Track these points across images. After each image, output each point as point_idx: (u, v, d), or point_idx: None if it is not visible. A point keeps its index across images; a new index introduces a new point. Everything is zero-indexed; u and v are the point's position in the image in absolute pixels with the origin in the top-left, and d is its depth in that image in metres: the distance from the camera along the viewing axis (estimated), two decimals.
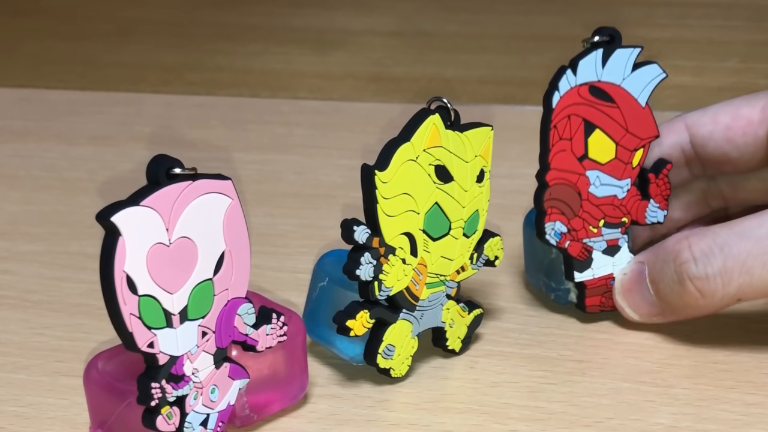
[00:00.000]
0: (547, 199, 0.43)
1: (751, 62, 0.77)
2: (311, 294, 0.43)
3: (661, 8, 0.89)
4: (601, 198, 0.44)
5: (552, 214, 0.43)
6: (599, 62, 0.43)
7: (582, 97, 0.43)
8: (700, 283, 0.41)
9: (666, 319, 0.43)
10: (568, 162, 0.43)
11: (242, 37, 0.86)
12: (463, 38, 0.85)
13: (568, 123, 0.43)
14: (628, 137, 0.44)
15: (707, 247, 0.41)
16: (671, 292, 0.42)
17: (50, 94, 0.75)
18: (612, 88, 0.43)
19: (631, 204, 0.45)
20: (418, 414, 0.40)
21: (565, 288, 0.45)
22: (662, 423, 0.39)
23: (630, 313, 0.44)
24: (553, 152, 0.43)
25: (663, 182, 0.45)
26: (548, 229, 0.44)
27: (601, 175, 0.44)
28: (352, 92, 0.74)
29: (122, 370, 0.37)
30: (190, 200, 0.34)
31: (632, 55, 0.43)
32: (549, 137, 0.43)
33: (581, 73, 0.43)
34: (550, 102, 0.42)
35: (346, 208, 0.56)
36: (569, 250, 0.44)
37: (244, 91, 0.75)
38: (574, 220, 0.44)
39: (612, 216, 0.45)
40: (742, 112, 0.44)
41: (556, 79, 0.42)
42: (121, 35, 0.88)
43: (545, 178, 0.43)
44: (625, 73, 0.43)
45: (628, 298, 0.44)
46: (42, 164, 0.64)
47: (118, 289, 0.33)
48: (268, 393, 0.39)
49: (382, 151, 0.39)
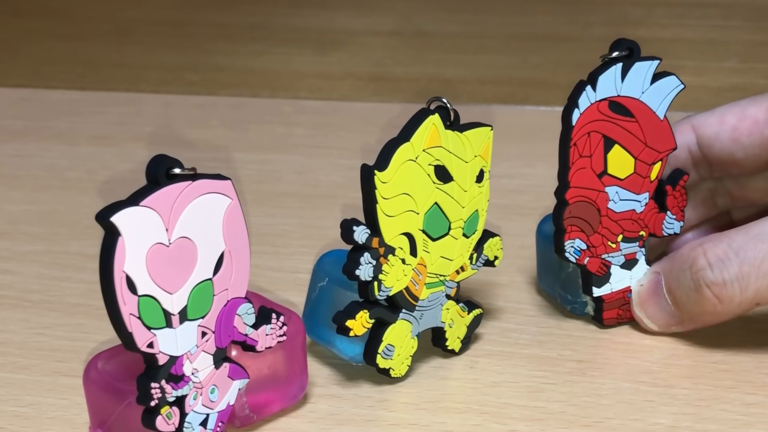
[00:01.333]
0: (567, 217, 0.43)
1: (751, 62, 0.77)
2: (311, 294, 0.43)
3: (660, 8, 0.89)
4: (620, 213, 0.44)
5: (572, 232, 0.43)
6: (618, 77, 0.42)
7: (602, 113, 0.42)
8: (717, 289, 0.40)
9: (685, 328, 0.43)
10: (588, 179, 0.43)
11: (242, 37, 0.86)
12: (463, 38, 0.85)
13: (588, 140, 0.42)
14: (647, 151, 0.44)
15: (723, 252, 0.40)
16: (689, 299, 0.42)
17: (50, 94, 0.75)
18: (631, 102, 0.43)
19: (648, 217, 0.44)
20: (417, 414, 0.40)
21: (582, 301, 0.45)
22: (662, 423, 0.39)
23: (649, 324, 0.44)
24: (573, 170, 0.42)
25: (680, 194, 0.45)
26: (568, 247, 0.43)
27: (620, 190, 0.43)
28: (351, 92, 0.74)
29: (122, 370, 0.37)
30: (190, 200, 0.34)
31: (651, 67, 0.43)
32: (569, 155, 0.42)
33: (601, 88, 0.42)
34: (570, 119, 0.42)
35: (346, 208, 0.56)
36: (588, 266, 0.44)
37: (244, 91, 0.75)
38: (593, 237, 0.43)
39: (630, 230, 0.44)
40: (749, 112, 0.44)
41: (575, 95, 0.42)
42: (121, 35, 0.88)
43: (565, 197, 0.42)
44: (644, 86, 0.43)
45: (646, 309, 0.44)
46: (42, 164, 0.64)
47: (117, 289, 0.33)
48: (268, 393, 0.39)
49: (381, 151, 0.39)
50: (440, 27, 0.88)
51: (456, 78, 0.76)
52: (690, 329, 0.43)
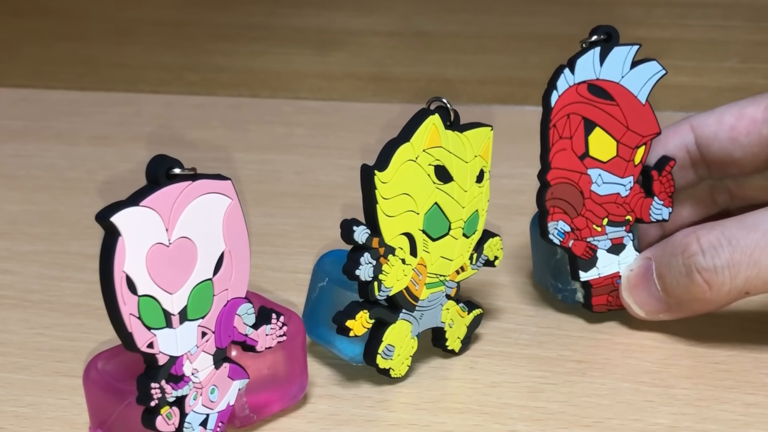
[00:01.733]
0: (549, 198, 0.43)
1: (751, 62, 0.77)
2: (311, 294, 0.43)
3: (660, 8, 0.89)
4: (603, 196, 0.44)
5: (554, 213, 0.43)
6: (597, 60, 0.43)
7: (581, 95, 0.43)
8: (708, 275, 0.40)
9: (672, 315, 0.43)
10: (569, 161, 0.43)
11: (242, 37, 0.86)
12: (463, 38, 0.85)
13: (568, 122, 0.43)
14: (629, 135, 0.44)
15: (715, 239, 0.40)
16: (678, 285, 0.42)
17: (50, 94, 0.75)
18: (611, 86, 0.43)
19: (634, 202, 0.45)
20: (417, 414, 0.40)
21: (571, 288, 0.45)
22: (662, 423, 0.39)
23: (636, 310, 0.44)
24: (553, 151, 0.43)
25: (666, 179, 0.45)
26: (551, 229, 0.43)
27: (603, 173, 0.44)
28: (352, 92, 0.74)
29: (122, 371, 0.37)
30: (190, 200, 0.34)
31: (630, 52, 0.43)
32: (549, 136, 0.43)
33: (579, 71, 0.43)
34: (549, 101, 0.42)
35: (346, 208, 0.56)
36: (573, 249, 0.44)
37: (243, 91, 0.75)
38: (577, 219, 0.44)
39: (616, 214, 0.44)
40: (747, 112, 0.44)
41: (554, 78, 0.42)
42: (121, 35, 0.88)
43: (546, 178, 0.43)
44: (623, 70, 0.43)
45: (634, 294, 0.44)
46: (42, 164, 0.64)
47: (117, 289, 0.33)
48: (268, 393, 0.39)
49: (381, 151, 0.39)
50: (440, 27, 0.88)
51: (456, 78, 0.76)
52: (677, 317, 0.43)
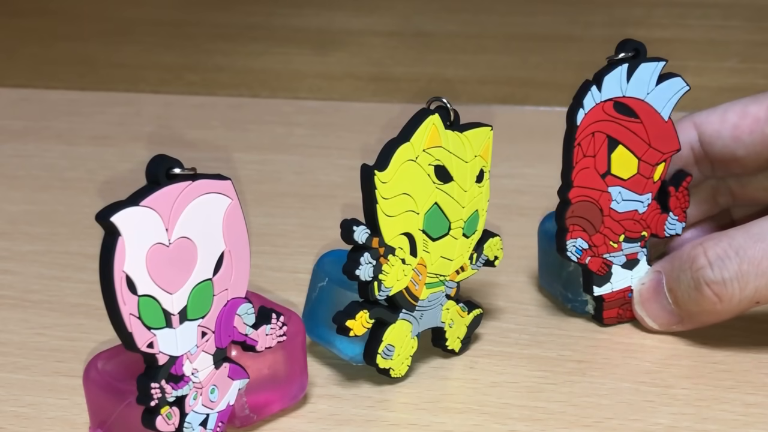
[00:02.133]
0: (570, 216, 0.43)
1: (751, 62, 0.77)
2: (311, 294, 0.43)
3: (660, 8, 0.89)
4: (622, 213, 0.44)
5: (574, 231, 0.43)
6: (624, 77, 0.42)
7: (606, 113, 0.42)
8: (717, 288, 0.40)
9: (685, 327, 0.43)
10: (592, 179, 0.43)
11: (242, 37, 0.86)
12: (463, 38, 0.85)
13: (592, 140, 0.42)
14: (651, 152, 0.44)
15: (722, 251, 0.40)
16: (689, 298, 0.42)
17: (50, 94, 0.75)
18: (636, 103, 0.43)
19: (651, 218, 0.44)
20: (417, 414, 0.40)
21: (582, 300, 0.45)
22: (662, 423, 0.39)
23: (650, 323, 0.44)
24: (576, 169, 0.42)
25: (683, 195, 0.45)
26: (570, 246, 0.43)
27: (623, 191, 0.43)
28: (351, 92, 0.74)
29: (122, 370, 0.37)
30: (190, 200, 0.34)
31: (657, 68, 0.43)
32: (573, 154, 0.42)
33: (606, 88, 0.42)
34: (574, 119, 0.42)
35: (346, 208, 0.56)
36: (590, 265, 0.44)
37: (243, 91, 0.75)
38: (595, 236, 0.43)
39: (632, 231, 0.44)
40: (750, 110, 0.44)
41: (580, 95, 0.42)
42: (121, 35, 0.88)
43: (568, 196, 0.42)
44: (649, 87, 0.43)
45: (647, 307, 0.44)
46: (42, 164, 0.64)
47: (117, 289, 0.33)
48: (268, 393, 0.39)
49: (381, 151, 0.39)
50: (440, 27, 0.88)
51: (456, 78, 0.76)
52: (690, 328, 0.43)
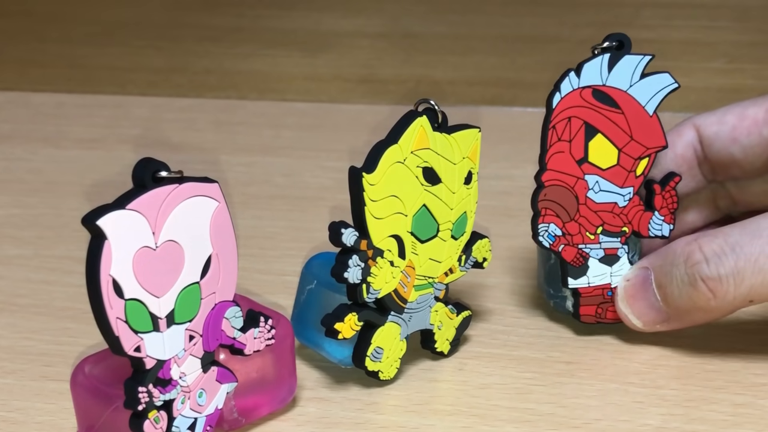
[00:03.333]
0: (542, 199, 0.43)
1: (738, 63, 0.77)
2: (299, 297, 0.43)
3: (647, 9, 0.89)
4: (599, 204, 0.43)
5: (546, 215, 0.43)
6: (605, 67, 0.42)
7: (584, 99, 0.42)
8: (712, 284, 0.40)
9: (671, 326, 0.43)
10: (566, 164, 0.43)
11: (230, 40, 0.86)
12: (451, 40, 0.85)
13: (568, 125, 0.42)
14: (633, 145, 0.43)
15: (719, 247, 0.40)
16: (681, 294, 0.41)
17: (36, 96, 0.74)
18: (617, 94, 0.43)
19: (632, 214, 0.44)
20: (407, 416, 0.40)
21: (562, 295, 0.45)
22: (651, 424, 0.39)
23: (634, 321, 0.43)
24: (550, 152, 0.42)
25: (669, 195, 0.44)
26: (542, 231, 0.43)
27: (600, 180, 0.43)
28: (340, 94, 0.74)
29: (109, 374, 0.37)
30: (177, 203, 0.34)
31: (641, 62, 0.42)
32: (548, 137, 0.42)
33: (585, 76, 0.42)
34: (551, 102, 0.42)
35: (334, 210, 0.56)
36: (563, 254, 0.43)
37: (231, 93, 0.75)
38: (569, 224, 0.43)
39: (611, 224, 0.44)
40: (749, 113, 0.44)
41: (559, 80, 0.42)
42: (108, 37, 0.88)
43: (541, 178, 0.43)
44: (632, 79, 0.42)
45: (632, 304, 0.43)
46: (29, 167, 0.63)
47: (104, 293, 0.33)
48: (257, 396, 0.39)
49: (369, 153, 0.38)
50: (428, 28, 0.88)
51: (444, 79, 0.76)
52: (675, 328, 0.43)
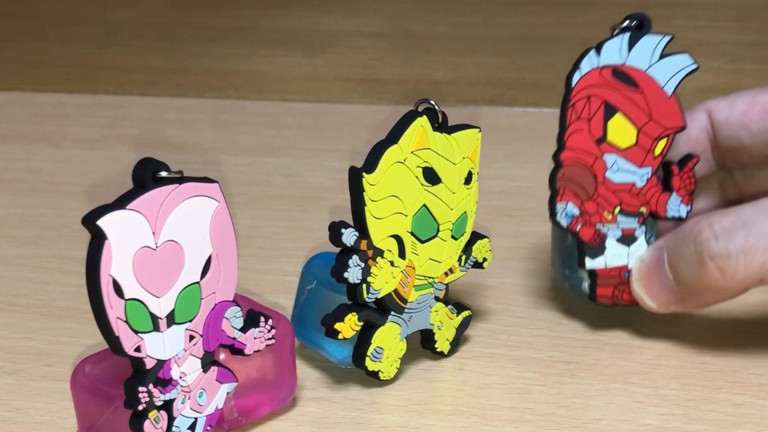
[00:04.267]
0: (561, 178, 0.42)
1: (739, 63, 0.77)
2: (299, 297, 0.43)
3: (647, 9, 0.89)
4: (618, 184, 0.43)
5: (564, 194, 0.42)
6: (625, 46, 0.42)
7: (604, 78, 0.42)
8: (721, 261, 0.39)
9: (685, 307, 0.42)
10: (585, 143, 0.42)
11: (230, 40, 0.86)
12: (451, 40, 0.85)
13: (588, 104, 0.42)
14: (651, 124, 0.43)
15: (729, 224, 0.39)
16: (691, 273, 0.40)
17: (37, 96, 0.74)
18: (637, 74, 0.42)
19: (650, 194, 0.44)
20: (407, 416, 0.40)
21: (578, 276, 0.44)
22: (651, 424, 0.39)
23: (647, 301, 0.43)
24: (569, 131, 0.42)
25: (687, 176, 0.44)
26: (559, 210, 0.42)
27: (619, 160, 0.43)
28: (340, 94, 0.74)
29: (109, 374, 0.37)
30: (177, 203, 0.34)
31: (661, 42, 0.42)
32: (567, 116, 0.42)
33: (605, 54, 0.42)
34: (571, 81, 0.42)
35: (334, 210, 0.56)
36: (581, 233, 0.43)
37: (231, 93, 0.75)
38: (587, 204, 0.43)
39: (629, 204, 0.43)
40: (759, 99, 0.44)
41: (579, 59, 0.42)
42: (108, 38, 0.88)
43: (560, 157, 0.42)
44: (652, 59, 0.42)
45: (646, 285, 0.43)
46: (29, 167, 0.63)
47: (104, 293, 0.33)
48: (257, 396, 0.39)
49: (369, 153, 0.38)
50: (428, 28, 0.88)
51: (444, 79, 0.76)
52: (690, 309, 0.42)
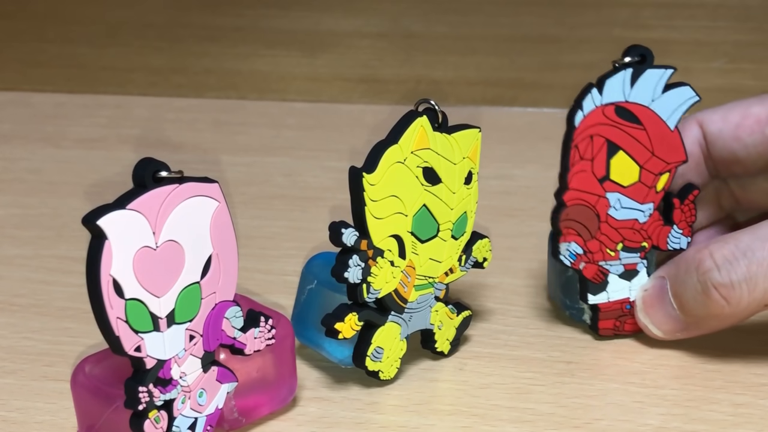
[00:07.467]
0: (564, 219, 0.42)
1: (738, 63, 0.77)
2: (299, 297, 0.43)
3: (647, 9, 0.89)
4: (620, 221, 0.43)
5: (568, 234, 0.42)
6: (628, 82, 0.41)
7: (607, 117, 0.41)
8: (725, 291, 0.40)
9: (690, 333, 0.42)
10: (588, 183, 0.42)
11: (230, 40, 0.86)
12: (451, 40, 0.85)
13: (591, 143, 0.41)
14: (654, 161, 0.43)
15: (730, 253, 0.40)
16: (695, 303, 0.41)
17: (37, 96, 0.74)
18: (640, 110, 0.42)
19: (652, 229, 0.43)
20: (407, 416, 0.40)
21: (579, 307, 0.45)
22: (651, 424, 0.39)
23: (654, 331, 0.43)
24: (572, 172, 0.41)
25: (688, 208, 0.44)
26: (563, 250, 0.42)
27: (622, 198, 0.43)
28: (340, 94, 0.74)
29: (110, 374, 0.37)
30: (177, 203, 0.34)
31: (664, 76, 0.42)
32: (569, 157, 0.41)
33: (608, 92, 0.41)
34: (573, 120, 0.41)
35: (335, 210, 0.56)
36: (584, 272, 0.43)
37: (231, 93, 0.75)
38: (590, 242, 0.43)
39: (631, 240, 0.43)
40: (752, 111, 0.44)
41: (580, 97, 0.41)
42: (109, 38, 0.88)
43: (563, 198, 0.42)
44: (654, 94, 0.42)
45: (651, 314, 0.43)
46: (29, 167, 0.63)
47: (104, 293, 0.33)
48: (257, 396, 0.39)
49: (369, 153, 0.39)
50: (428, 28, 0.88)
51: (444, 79, 0.76)
52: (695, 335, 0.43)
